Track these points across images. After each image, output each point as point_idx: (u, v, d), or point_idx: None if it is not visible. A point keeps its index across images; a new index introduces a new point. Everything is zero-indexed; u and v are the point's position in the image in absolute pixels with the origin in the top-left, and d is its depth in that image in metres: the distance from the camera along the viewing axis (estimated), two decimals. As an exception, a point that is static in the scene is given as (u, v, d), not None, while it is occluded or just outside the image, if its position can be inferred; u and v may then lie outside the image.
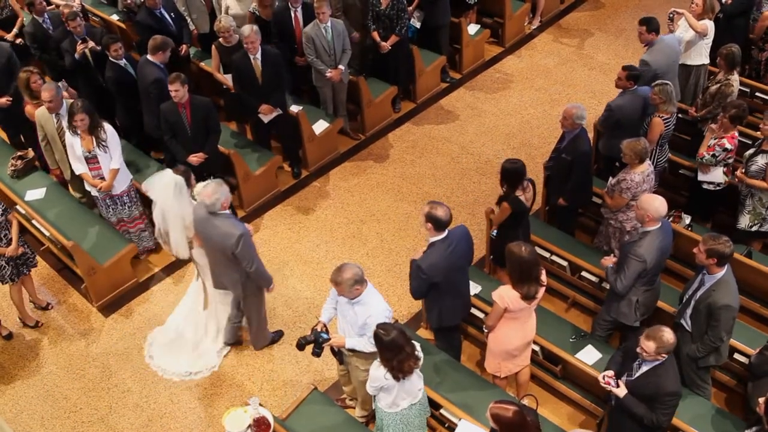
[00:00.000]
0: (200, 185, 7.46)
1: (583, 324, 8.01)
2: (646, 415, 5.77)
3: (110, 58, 9.34)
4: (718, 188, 8.15)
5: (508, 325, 6.57)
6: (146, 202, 9.11)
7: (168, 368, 8.13)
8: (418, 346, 6.00)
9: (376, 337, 5.76)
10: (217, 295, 7.92)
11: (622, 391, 5.90)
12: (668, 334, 5.58)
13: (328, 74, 9.90)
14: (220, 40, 9.71)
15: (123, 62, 9.40)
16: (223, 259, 7.29)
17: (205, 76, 10.68)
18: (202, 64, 10.83)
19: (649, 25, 8.81)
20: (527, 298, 6.31)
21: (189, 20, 10.93)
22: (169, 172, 7.66)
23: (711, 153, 7.88)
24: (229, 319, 8.08)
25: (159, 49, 9.11)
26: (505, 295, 6.37)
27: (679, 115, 8.54)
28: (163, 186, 7.51)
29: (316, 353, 6.43)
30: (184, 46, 10.50)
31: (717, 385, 7.32)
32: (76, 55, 9.55)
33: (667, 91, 7.92)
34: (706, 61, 9.31)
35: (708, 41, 9.23)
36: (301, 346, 6.44)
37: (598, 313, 7.77)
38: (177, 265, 9.21)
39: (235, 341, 8.29)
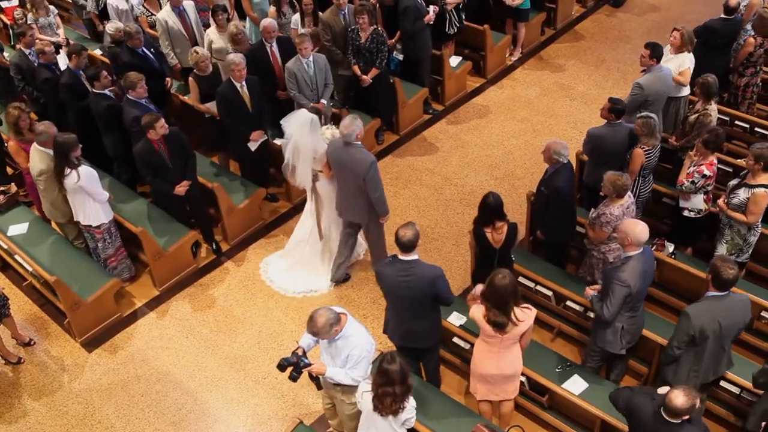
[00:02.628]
0: (324, 127, 8.59)
1: (569, 353, 8.02)
2: None
3: (95, 91, 9.34)
4: (699, 215, 8.21)
5: (481, 347, 6.58)
6: (125, 238, 9.15)
7: (289, 287, 9.17)
8: (412, 400, 5.94)
9: (380, 359, 5.73)
10: (333, 226, 9.00)
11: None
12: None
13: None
14: (196, 71, 9.72)
15: (110, 93, 9.43)
16: (353, 187, 8.22)
17: (188, 109, 10.70)
18: (185, 97, 10.84)
19: (654, 50, 8.89)
20: (494, 325, 6.29)
21: (172, 54, 10.98)
22: (304, 111, 8.70)
23: (690, 180, 7.94)
24: (336, 260, 9.03)
25: (130, 87, 9.13)
26: (476, 313, 6.41)
27: (662, 144, 8.61)
28: (300, 123, 8.52)
29: (294, 377, 6.36)
30: (169, 80, 10.58)
31: (713, 418, 7.32)
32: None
33: (650, 125, 7.98)
34: (687, 92, 9.40)
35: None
36: (282, 367, 6.37)
37: (584, 342, 7.79)
38: (161, 299, 9.18)
39: (343, 279, 9.17)
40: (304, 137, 8.50)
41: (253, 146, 9.66)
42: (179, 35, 10.92)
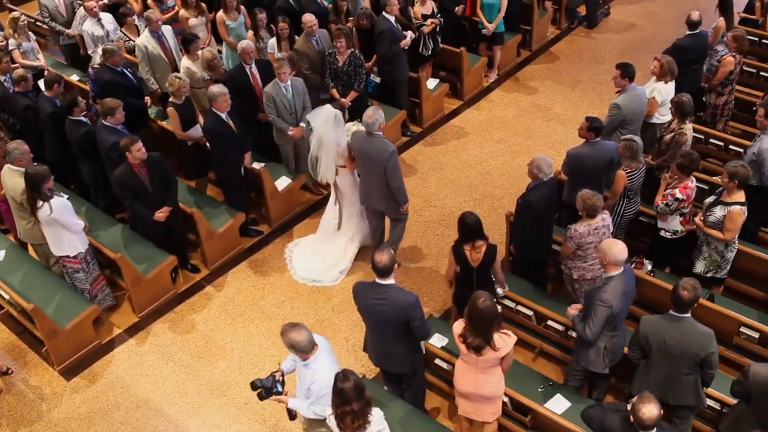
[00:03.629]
0: (351, 123, 9.17)
1: (551, 373, 8.02)
2: None
3: (71, 117, 9.30)
4: (675, 236, 8.27)
5: (460, 364, 6.59)
6: (103, 265, 9.09)
7: (299, 272, 9.65)
8: (377, 412, 5.88)
9: (334, 380, 5.70)
10: (352, 219, 9.48)
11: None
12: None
13: (290, 132, 9.96)
14: (173, 99, 9.66)
15: (84, 119, 9.41)
16: (375, 175, 8.61)
17: (166, 135, 10.66)
18: (164, 123, 10.82)
19: (624, 70, 9.02)
20: (470, 346, 6.28)
21: (153, 79, 10.98)
22: (329, 106, 9.12)
23: (664, 202, 8.02)
24: (373, 231, 9.46)
25: (108, 113, 9.08)
26: (454, 330, 6.42)
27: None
28: (325, 117, 8.92)
29: (262, 397, 6.35)
30: (148, 98, 10.68)
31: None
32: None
33: (633, 148, 8.05)
34: (667, 119, 9.46)
35: (667, 103, 9.39)
36: (254, 386, 6.36)
37: (566, 361, 7.80)
38: (140, 325, 9.11)
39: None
40: (329, 131, 8.92)
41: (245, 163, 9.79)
42: (159, 60, 10.91)
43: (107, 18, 11.74)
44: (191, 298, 9.47)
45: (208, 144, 9.68)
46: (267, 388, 6.31)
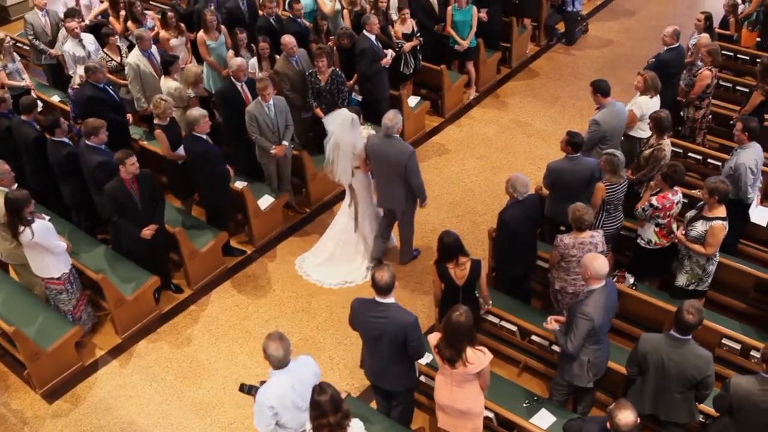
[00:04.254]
0: (362, 127, 9.43)
1: (536, 388, 8.04)
2: None
3: (53, 139, 9.27)
4: (648, 246, 8.33)
5: (438, 376, 6.62)
6: (85, 286, 9.04)
7: (325, 280, 9.78)
8: (357, 422, 5.87)
9: (312, 393, 5.69)
10: (366, 220, 9.71)
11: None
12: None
13: (273, 151, 9.98)
14: (158, 120, 9.61)
15: (66, 140, 9.39)
16: (393, 176, 9.00)
17: (148, 155, 10.63)
18: (145, 143, 10.81)
19: (597, 87, 9.15)
20: (442, 357, 6.31)
21: (143, 98, 10.99)
22: (345, 110, 9.37)
23: (642, 207, 8.13)
24: (378, 236, 9.78)
25: (92, 133, 9.05)
26: (430, 341, 6.45)
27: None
28: (341, 121, 9.16)
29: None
30: (130, 116, 10.68)
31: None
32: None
33: (614, 162, 8.12)
34: (647, 134, 9.54)
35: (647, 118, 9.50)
36: (241, 389, 6.46)
37: (550, 376, 7.82)
38: (123, 346, 9.06)
39: (381, 256, 9.89)
40: (345, 134, 9.15)
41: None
42: (150, 78, 10.91)
43: (88, 39, 11.74)
44: (174, 319, 9.43)
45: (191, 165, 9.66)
46: (252, 394, 6.33)
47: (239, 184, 10.05)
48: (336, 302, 9.46)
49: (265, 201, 10.26)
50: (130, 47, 11.75)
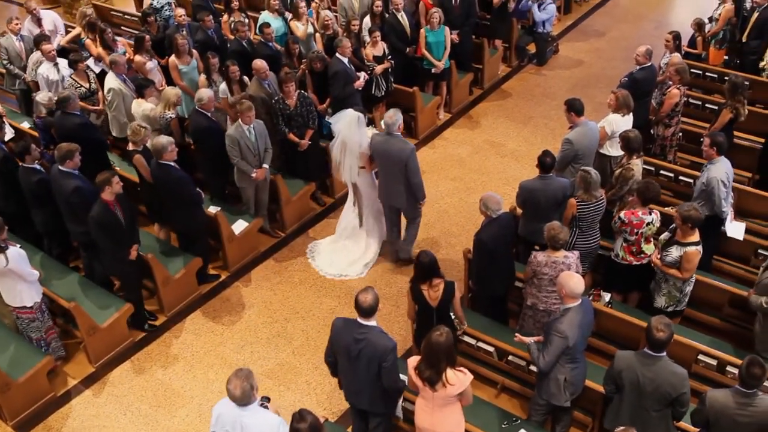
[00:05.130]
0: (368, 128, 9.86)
1: (514, 408, 8.02)
2: None
3: (24, 165, 9.17)
4: (617, 260, 8.38)
5: (419, 400, 6.56)
6: (56, 312, 8.94)
7: (325, 268, 10.20)
8: None
9: (291, 420, 5.60)
10: (371, 218, 10.12)
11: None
12: None
13: (254, 175, 9.95)
14: (134, 147, 9.52)
15: (38, 167, 9.30)
16: (395, 173, 9.29)
17: (124, 182, 10.46)
18: (118, 168, 10.72)
19: (571, 106, 9.23)
20: (423, 379, 6.27)
21: (126, 121, 10.96)
22: (350, 110, 9.75)
23: (614, 220, 8.24)
24: (389, 239, 10.24)
25: (67, 157, 8.94)
26: (409, 364, 6.42)
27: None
28: (347, 121, 9.53)
29: None
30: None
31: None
32: None
33: (587, 180, 8.18)
34: (618, 153, 9.60)
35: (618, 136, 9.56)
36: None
37: (529, 396, 7.80)
38: (96, 375, 8.94)
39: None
40: (352, 132, 9.52)
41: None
42: (130, 100, 10.89)
43: (63, 63, 11.68)
44: (149, 346, 9.32)
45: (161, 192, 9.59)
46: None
47: (213, 209, 10.00)
48: (312, 326, 9.40)
49: (239, 225, 10.20)
50: (102, 73, 11.73)
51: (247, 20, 12.83)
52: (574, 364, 6.91)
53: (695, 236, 7.72)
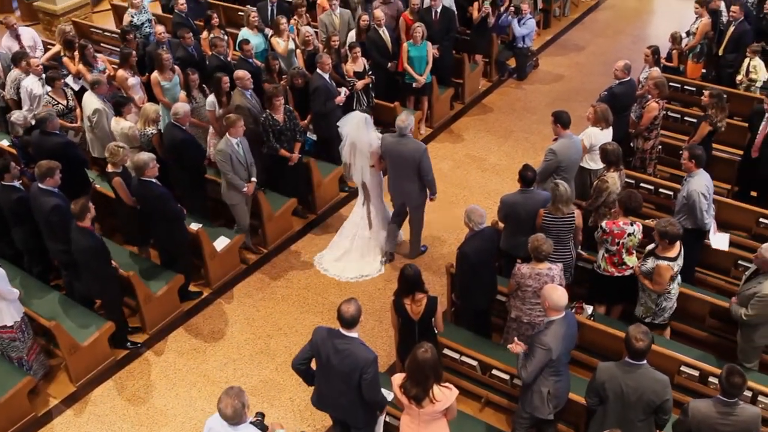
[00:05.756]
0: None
1: (498, 422, 8.02)
2: None
3: (3, 183, 9.11)
4: (598, 271, 8.44)
5: (404, 417, 6.55)
6: (36, 332, 8.86)
7: (343, 274, 10.36)
8: None
9: None
10: (378, 216, 10.39)
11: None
12: None
13: (245, 189, 10.03)
14: (113, 168, 9.45)
15: (17, 184, 9.24)
16: (407, 172, 9.65)
17: (102, 200, 10.46)
18: (98, 186, 10.67)
19: (558, 118, 9.30)
20: (409, 397, 6.25)
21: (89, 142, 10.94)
22: (357, 112, 10.38)
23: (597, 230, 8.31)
24: (390, 232, 10.41)
25: (47, 175, 8.90)
26: (394, 381, 6.41)
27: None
28: (356, 122, 9.90)
29: None
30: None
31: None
32: None
33: (555, 193, 8.25)
34: (597, 166, 9.65)
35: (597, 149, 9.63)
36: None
37: (513, 410, 7.80)
38: (77, 395, 8.86)
39: (393, 250, 10.52)
40: (361, 133, 9.83)
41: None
42: (111, 118, 10.85)
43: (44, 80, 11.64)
44: (131, 365, 9.25)
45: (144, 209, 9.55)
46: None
47: (194, 226, 9.95)
48: (295, 342, 9.36)
49: (221, 243, 10.16)
50: (81, 90, 11.68)
51: (226, 37, 12.82)
52: (558, 377, 6.92)
53: (672, 251, 7.79)
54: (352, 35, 12.71)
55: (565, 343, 6.79)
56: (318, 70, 11.10)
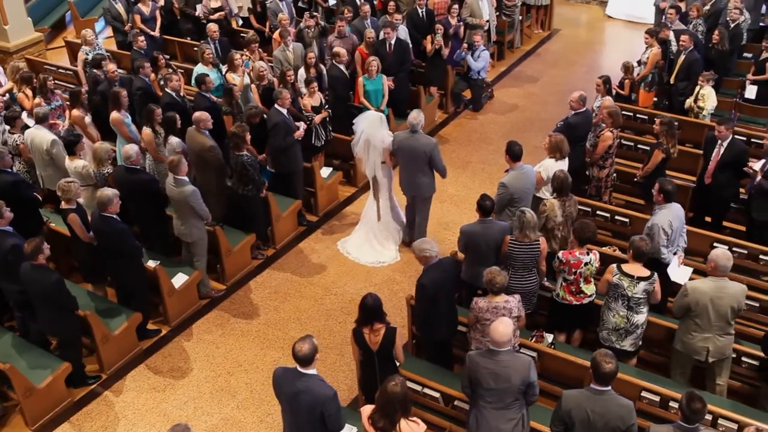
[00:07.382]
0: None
1: (462, 454, 7.99)
2: None
3: None
4: (557, 299, 8.52)
5: None
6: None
7: (362, 258, 11.23)
8: None
9: None
10: (388, 208, 11.19)
11: None
12: None
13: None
14: (66, 205, 9.26)
15: None
16: (419, 165, 10.44)
17: (57, 237, 10.32)
18: (53, 225, 10.52)
19: (509, 149, 9.43)
20: (376, 429, 6.25)
21: (40, 179, 10.87)
22: (372, 111, 11.46)
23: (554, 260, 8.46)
24: (407, 224, 11.33)
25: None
26: (363, 413, 6.40)
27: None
28: (370, 121, 10.76)
29: None
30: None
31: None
32: None
33: (521, 219, 8.35)
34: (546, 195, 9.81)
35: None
36: None
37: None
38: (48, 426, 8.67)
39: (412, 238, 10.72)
40: (375, 130, 10.65)
41: None
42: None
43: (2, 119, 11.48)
44: (88, 406, 9.07)
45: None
46: None
47: (152, 263, 9.84)
48: (256, 379, 9.27)
49: (179, 279, 10.06)
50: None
51: (176, 74, 12.68)
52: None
53: (635, 268, 7.97)
54: (301, 72, 12.71)
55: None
56: (276, 106, 11.07)
